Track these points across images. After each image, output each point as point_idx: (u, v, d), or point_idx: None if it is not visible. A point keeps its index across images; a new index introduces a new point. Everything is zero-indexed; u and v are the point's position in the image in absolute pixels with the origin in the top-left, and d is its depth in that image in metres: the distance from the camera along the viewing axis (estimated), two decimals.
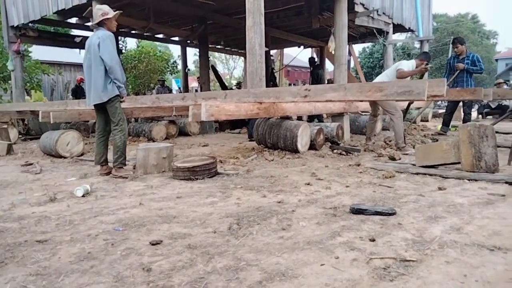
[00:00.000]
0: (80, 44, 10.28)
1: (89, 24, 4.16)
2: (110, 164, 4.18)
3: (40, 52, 15.73)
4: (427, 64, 5.56)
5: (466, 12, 39.50)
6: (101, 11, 3.99)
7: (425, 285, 1.57)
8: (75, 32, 12.11)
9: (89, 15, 5.66)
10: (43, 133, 6.06)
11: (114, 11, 4.06)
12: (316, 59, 12.46)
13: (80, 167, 4.81)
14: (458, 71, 6.94)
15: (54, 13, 8.62)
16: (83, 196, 3.20)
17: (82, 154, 5.69)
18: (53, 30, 14.57)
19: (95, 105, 4.09)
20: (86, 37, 4.48)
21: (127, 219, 2.55)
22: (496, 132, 4.03)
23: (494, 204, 2.71)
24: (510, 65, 34.72)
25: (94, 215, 2.68)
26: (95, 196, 3.24)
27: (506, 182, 3.26)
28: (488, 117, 12.00)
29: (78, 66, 21.40)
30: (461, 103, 7.36)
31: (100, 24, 3.99)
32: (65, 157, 5.45)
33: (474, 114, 11.77)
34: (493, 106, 12.09)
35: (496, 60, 36.56)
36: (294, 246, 2.01)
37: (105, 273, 1.75)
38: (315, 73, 10.15)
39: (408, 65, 5.54)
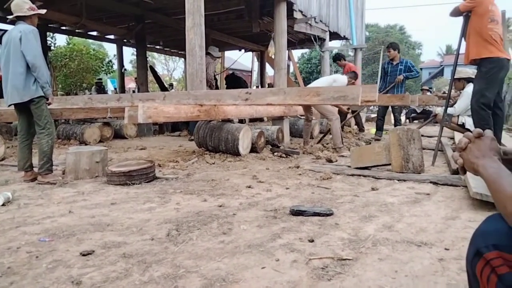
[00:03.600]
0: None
1: (10, 17, 3.83)
2: (36, 169, 3.85)
3: None
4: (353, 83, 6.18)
5: (394, 23, 42.39)
6: (27, 4, 3.74)
7: (360, 282, 1.63)
8: None
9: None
10: None
11: (37, 6, 3.86)
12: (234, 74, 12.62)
13: (0, 172, 4.37)
14: (396, 82, 7.29)
15: None
16: (3, 205, 2.90)
17: (3, 159, 5.20)
18: None
19: (15, 105, 3.75)
20: (6, 31, 4.14)
21: (55, 229, 2.35)
22: (422, 135, 4.36)
23: (420, 203, 2.91)
24: (432, 74, 38.11)
25: (16, 225, 2.44)
26: (18, 204, 2.96)
27: (431, 182, 3.53)
28: (415, 121, 12.98)
29: None
30: (390, 108, 7.84)
31: (23, 18, 3.71)
32: None
33: (402, 118, 12.67)
34: (418, 111, 13.11)
35: (421, 69, 39.79)
36: (235, 250, 1.99)
37: None
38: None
39: (344, 81, 5.95)
